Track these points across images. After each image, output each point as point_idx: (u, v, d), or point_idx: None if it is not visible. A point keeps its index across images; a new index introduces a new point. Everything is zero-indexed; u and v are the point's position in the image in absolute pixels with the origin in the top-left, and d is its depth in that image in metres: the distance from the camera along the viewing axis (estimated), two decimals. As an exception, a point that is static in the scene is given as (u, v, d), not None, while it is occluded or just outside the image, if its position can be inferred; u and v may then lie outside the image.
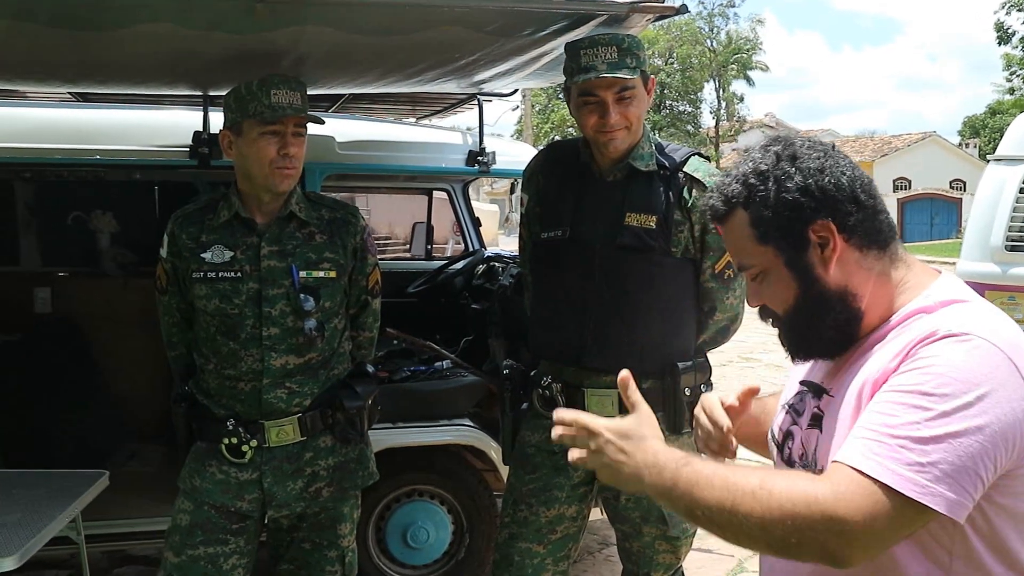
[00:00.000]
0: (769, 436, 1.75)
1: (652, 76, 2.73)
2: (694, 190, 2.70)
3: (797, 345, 1.62)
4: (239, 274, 2.64)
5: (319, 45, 2.79)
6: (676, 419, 2.71)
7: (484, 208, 17.68)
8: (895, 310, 1.53)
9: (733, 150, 46.58)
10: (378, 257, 2.90)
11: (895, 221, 1.58)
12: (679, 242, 2.70)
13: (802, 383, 1.69)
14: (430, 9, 2.51)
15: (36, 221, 5.45)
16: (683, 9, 2.82)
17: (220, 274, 2.64)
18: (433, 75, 3.28)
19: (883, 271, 1.55)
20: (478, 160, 4.26)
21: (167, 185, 5.48)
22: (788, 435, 1.66)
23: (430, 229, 6.17)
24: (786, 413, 1.70)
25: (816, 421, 1.58)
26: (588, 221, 2.73)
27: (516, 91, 4.39)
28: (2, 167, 3.95)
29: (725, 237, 1.63)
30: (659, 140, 2.81)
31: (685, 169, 2.72)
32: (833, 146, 1.56)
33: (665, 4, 2.66)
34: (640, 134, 2.71)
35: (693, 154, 2.79)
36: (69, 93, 4.21)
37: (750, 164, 1.56)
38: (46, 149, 3.76)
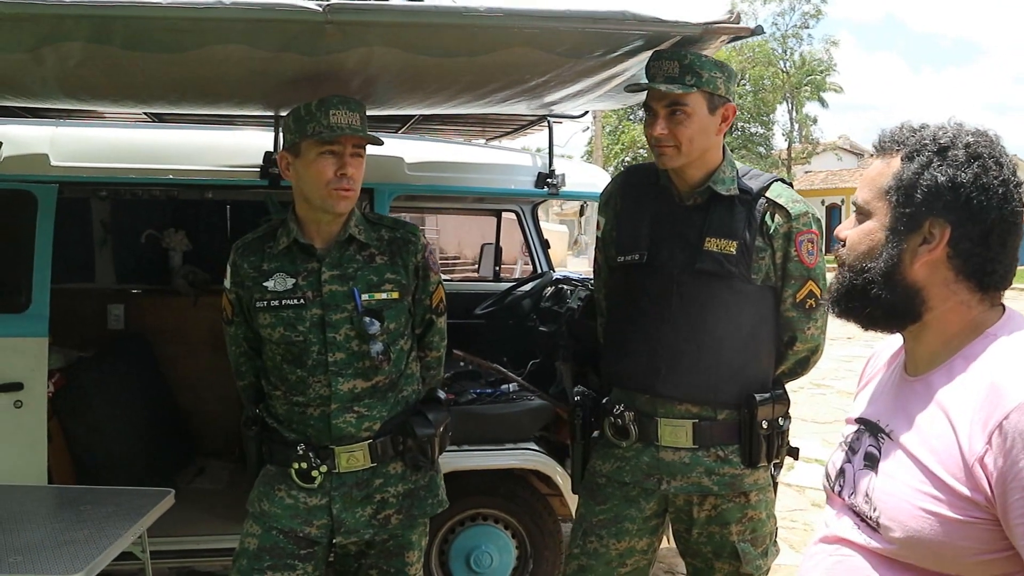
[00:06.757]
0: (823, 473, 1.71)
1: (730, 102, 2.62)
2: (776, 216, 2.61)
3: (842, 299, 1.59)
4: (302, 301, 2.62)
5: (388, 66, 2.77)
6: (753, 452, 2.63)
7: (553, 229, 17.69)
8: (960, 347, 1.48)
9: (806, 172, 45.95)
10: (446, 277, 2.86)
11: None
12: (759, 269, 2.61)
13: (858, 420, 1.65)
14: (500, 30, 2.47)
15: (111, 239, 5.53)
16: (759, 30, 2.74)
17: (283, 302, 2.62)
18: (503, 96, 3.25)
19: (966, 302, 1.50)
20: (547, 182, 4.23)
21: (239, 204, 5.54)
22: (841, 472, 1.63)
23: (498, 250, 6.12)
24: (841, 450, 1.66)
25: (871, 462, 1.54)
26: (666, 246, 2.65)
27: (586, 113, 4.34)
28: (79, 186, 4.01)
29: (871, 165, 1.59)
30: (741, 165, 2.73)
31: (767, 195, 2.64)
32: (1020, 185, 1.48)
33: (740, 26, 2.59)
34: (695, 155, 2.59)
35: (775, 180, 2.70)
36: (144, 113, 4.28)
37: (940, 132, 1.50)
38: (121, 168, 3.82)
